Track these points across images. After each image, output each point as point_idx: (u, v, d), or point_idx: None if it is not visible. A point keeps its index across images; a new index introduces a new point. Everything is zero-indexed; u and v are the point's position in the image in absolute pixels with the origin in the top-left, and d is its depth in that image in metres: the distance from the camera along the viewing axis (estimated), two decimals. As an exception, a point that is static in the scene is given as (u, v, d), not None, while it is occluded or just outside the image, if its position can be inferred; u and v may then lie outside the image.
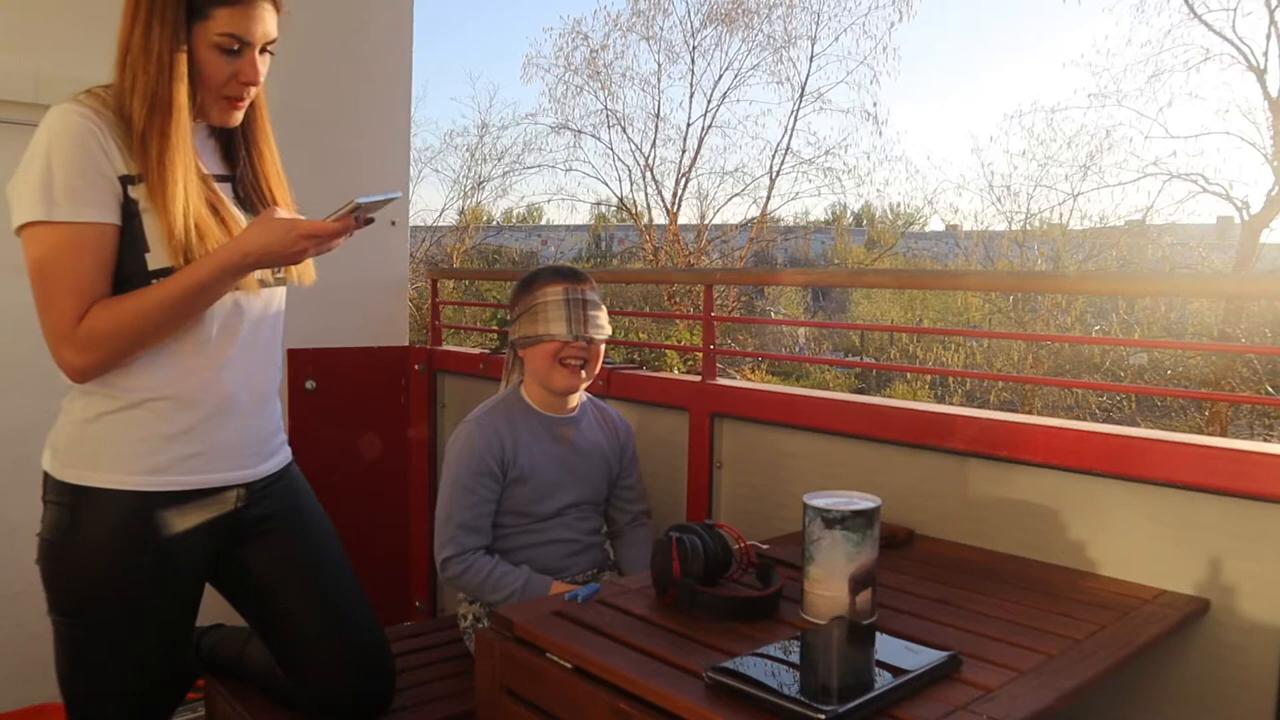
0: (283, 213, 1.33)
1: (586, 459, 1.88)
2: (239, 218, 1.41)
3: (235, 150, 1.46)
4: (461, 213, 15.19)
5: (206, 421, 1.39)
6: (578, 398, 1.91)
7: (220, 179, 1.43)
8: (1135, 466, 1.44)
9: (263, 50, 1.36)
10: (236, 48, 1.32)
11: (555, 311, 1.77)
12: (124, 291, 1.30)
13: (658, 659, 1.10)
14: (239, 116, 1.40)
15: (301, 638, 1.54)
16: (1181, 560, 1.40)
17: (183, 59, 1.29)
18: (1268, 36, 10.58)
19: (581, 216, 17.54)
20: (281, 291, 1.51)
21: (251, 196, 1.46)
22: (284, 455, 1.58)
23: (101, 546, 1.34)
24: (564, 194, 21.14)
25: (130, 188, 1.29)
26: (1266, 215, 10.79)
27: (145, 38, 1.27)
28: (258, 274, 1.38)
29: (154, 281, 1.30)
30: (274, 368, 1.53)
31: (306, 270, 1.48)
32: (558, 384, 1.81)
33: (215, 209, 1.37)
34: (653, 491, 2.05)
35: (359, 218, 1.31)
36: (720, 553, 1.32)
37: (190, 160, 1.33)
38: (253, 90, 1.38)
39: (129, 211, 1.29)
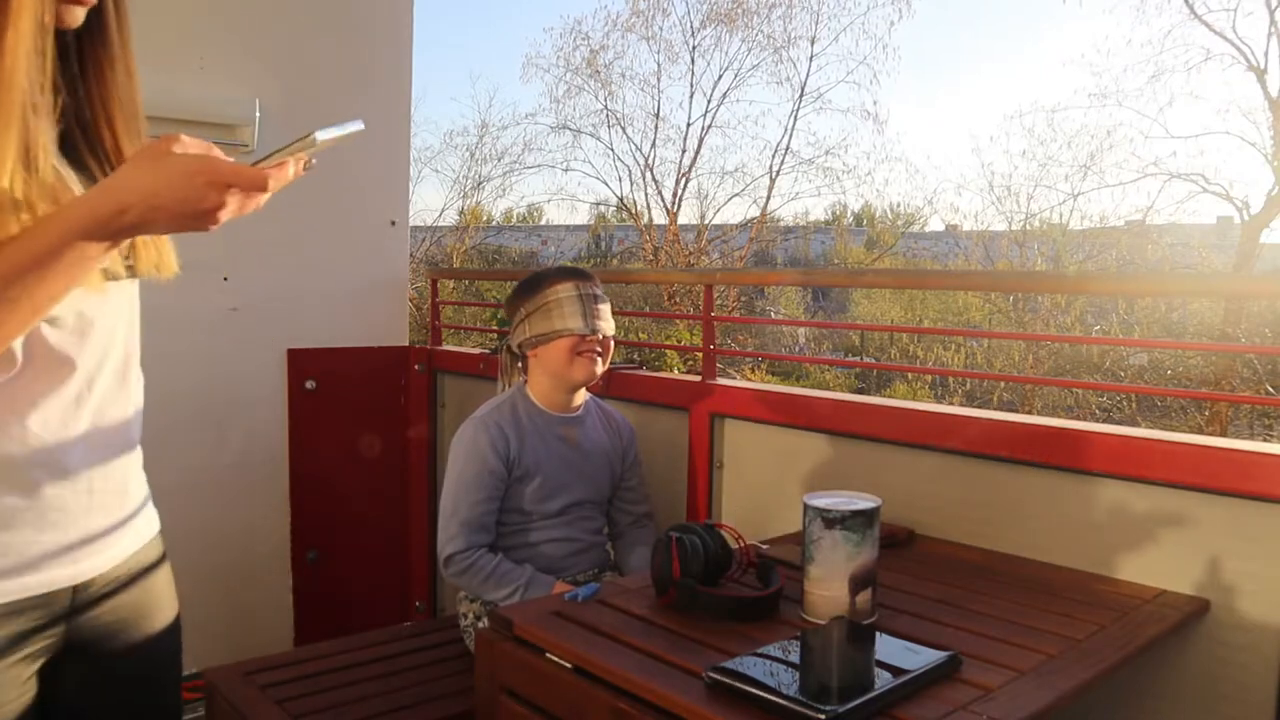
0: (190, 143, 0.82)
1: (590, 459, 1.89)
2: (60, 169, 0.90)
3: (68, 69, 0.93)
4: (461, 213, 15.22)
5: (17, 514, 0.90)
6: (582, 396, 1.91)
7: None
8: (1135, 466, 1.44)
9: None
10: None
11: (570, 307, 1.78)
12: None
13: (658, 659, 1.10)
14: (79, 14, 0.90)
15: None
16: (1181, 560, 1.40)
17: None
18: (1268, 36, 10.61)
19: (581, 216, 17.57)
20: (134, 290, 1.01)
21: (75, 136, 0.94)
22: (134, 537, 1.04)
23: None
24: (564, 194, 21.27)
25: None
26: (1266, 215, 10.80)
27: None
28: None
29: None
30: (130, 403, 1.02)
31: (166, 257, 0.97)
32: (578, 375, 1.82)
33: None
34: (653, 491, 2.05)
35: (307, 164, 0.87)
36: (720, 553, 1.32)
37: None
38: None
39: None
